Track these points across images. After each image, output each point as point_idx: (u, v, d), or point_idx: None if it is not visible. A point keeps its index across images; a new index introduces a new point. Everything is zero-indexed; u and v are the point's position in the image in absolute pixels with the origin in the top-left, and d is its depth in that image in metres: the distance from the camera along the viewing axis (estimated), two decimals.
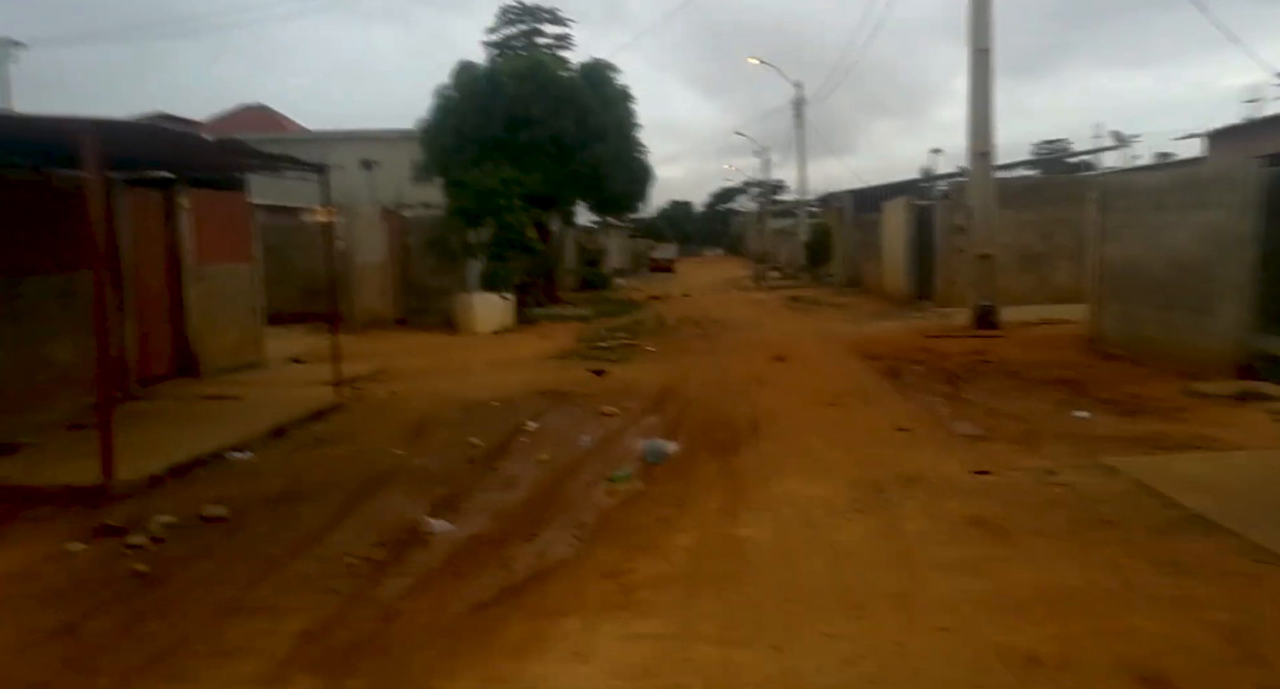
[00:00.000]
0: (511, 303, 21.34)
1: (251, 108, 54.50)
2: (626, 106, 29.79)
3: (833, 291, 34.31)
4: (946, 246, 21.92)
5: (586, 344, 18.07)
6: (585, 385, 12.82)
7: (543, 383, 13.02)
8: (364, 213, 20.39)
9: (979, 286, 17.35)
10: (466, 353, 16.67)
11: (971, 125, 17.20)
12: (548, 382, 13.14)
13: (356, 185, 42.86)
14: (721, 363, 14.89)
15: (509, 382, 13.18)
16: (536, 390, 12.36)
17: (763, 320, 23.03)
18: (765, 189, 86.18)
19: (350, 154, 44.81)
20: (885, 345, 16.08)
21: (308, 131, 51.32)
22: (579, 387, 12.69)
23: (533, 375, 13.85)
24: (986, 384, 11.80)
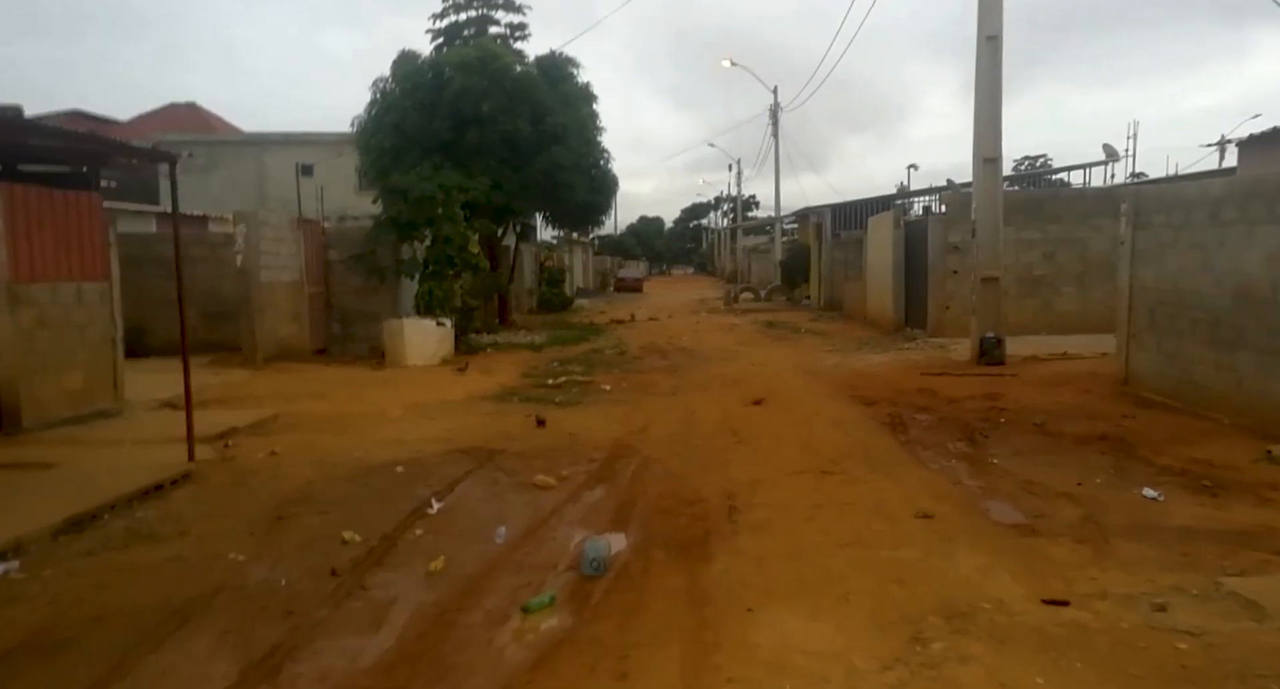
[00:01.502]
0: (450, 329, 18.90)
1: (179, 106, 51.75)
2: (589, 106, 27.49)
3: (811, 315, 32.07)
4: (941, 268, 19.72)
5: (534, 380, 15.71)
6: (521, 439, 10.44)
7: (469, 436, 10.65)
8: (271, 222, 17.87)
9: (983, 315, 15.12)
10: (388, 393, 14.23)
11: (978, 127, 15.00)
12: (476, 434, 10.77)
13: (292, 193, 40.40)
14: (689, 407, 12.55)
15: (427, 434, 10.79)
16: (459, 447, 9.98)
17: (736, 350, 20.71)
18: (737, 204, 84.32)
19: (288, 159, 42.30)
20: (879, 385, 13.79)
21: (241, 133, 48.69)
22: (513, 441, 10.31)
23: (460, 424, 11.47)
24: (1012, 441, 9.50)
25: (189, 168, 43.35)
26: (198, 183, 42.55)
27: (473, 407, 12.95)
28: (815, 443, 9.78)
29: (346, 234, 20.21)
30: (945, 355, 16.76)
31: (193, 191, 41.59)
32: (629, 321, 31.71)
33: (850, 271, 30.35)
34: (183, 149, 42.91)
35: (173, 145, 42.94)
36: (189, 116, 51.12)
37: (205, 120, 51.68)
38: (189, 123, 49.21)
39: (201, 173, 43.00)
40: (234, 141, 45.51)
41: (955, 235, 19.51)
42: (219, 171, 43.09)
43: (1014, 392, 12.32)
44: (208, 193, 41.09)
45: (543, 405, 12.91)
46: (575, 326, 29.15)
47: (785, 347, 21.27)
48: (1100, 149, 31.43)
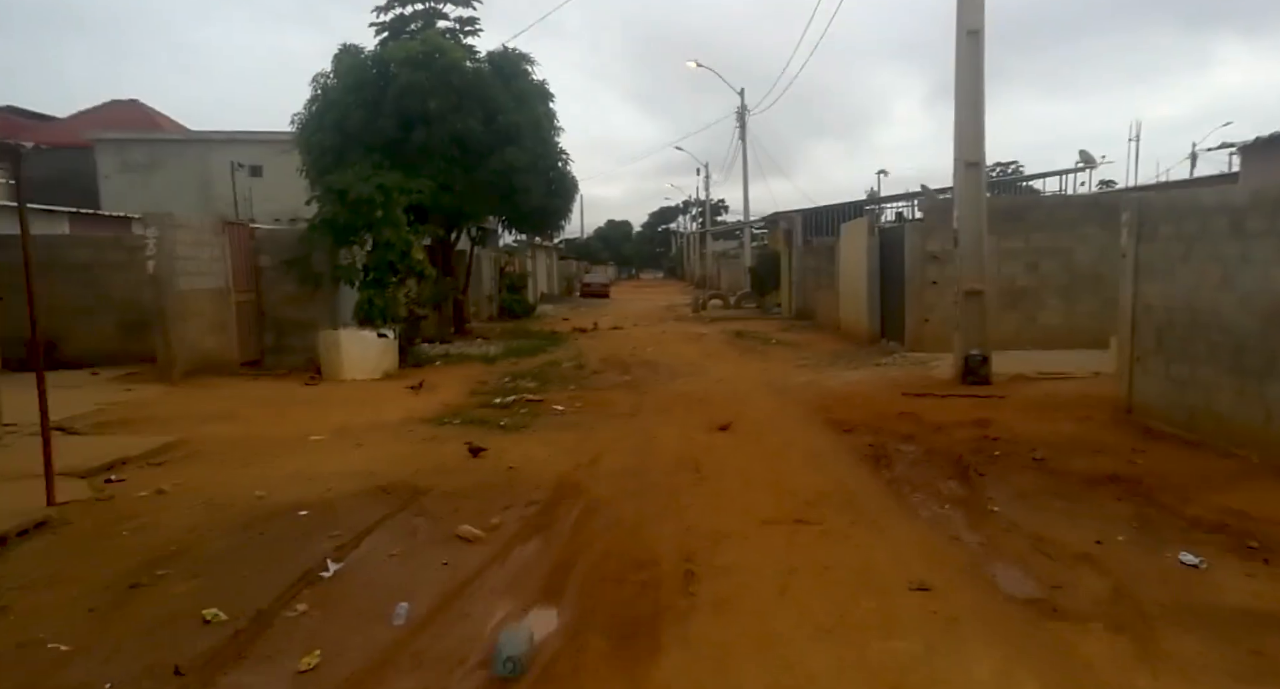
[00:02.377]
0: (393, 341, 17.53)
1: (121, 103, 49.95)
2: (545, 105, 26.14)
3: (782, 325, 30.87)
4: (919, 278, 18.55)
5: (481, 398, 14.39)
6: (454, 474, 9.13)
7: (395, 468, 9.33)
8: (190, 224, 16.44)
9: (967, 331, 13.95)
10: (315, 413, 12.87)
11: (959, 128, 13.84)
12: (403, 466, 9.45)
13: (242, 194, 38.82)
14: (648, 433, 11.26)
15: (347, 466, 9.47)
16: (380, 484, 8.67)
17: (703, 363, 19.45)
18: (706, 209, 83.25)
19: (236, 158, 40.67)
20: (857, 407, 12.57)
21: (187, 131, 46.99)
22: (444, 476, 9.00)
23: (387, 453, 10.14)
24: (1011, 481, 8.28)
25: (128, 166, 41.67)
26: (138, 182, 40.88)
27: (407, 430, 11.61)
28: (788, 482, 8.52)
29: (278, 238, 18.80)
30: (926, 373, 15.57)
31: (133, 192, 39.89)
32: (591, 330, 30.41)
33: (822, 279, 29.20)
34: (120, 147, 41.54)
35: (110, 144, 41.63)
36: (131, 114, 49.29)
37: (149, 118, 49.86)
38: (131, 120, 47.43)
39: (143, 172, 41.34)
40: (176, 140, 43.81)
41: (934, 244, 18.36)
42: (161, 171, 41.42)
43: (1005, 417, 11.12)
44: (149, 193, 39.44)
45: (486, 429, 11.62)
46: (535, 335, 27.83)
47: (754, 360, 20.04)
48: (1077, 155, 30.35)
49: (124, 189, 40.49)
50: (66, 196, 31.94)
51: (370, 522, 7.44)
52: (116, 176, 41.54)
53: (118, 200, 38.62)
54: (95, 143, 41.53)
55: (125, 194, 39.88)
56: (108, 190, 40.96)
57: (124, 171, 41.62)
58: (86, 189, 40.09)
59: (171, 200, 36.26)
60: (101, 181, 41.42)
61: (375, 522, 7.45)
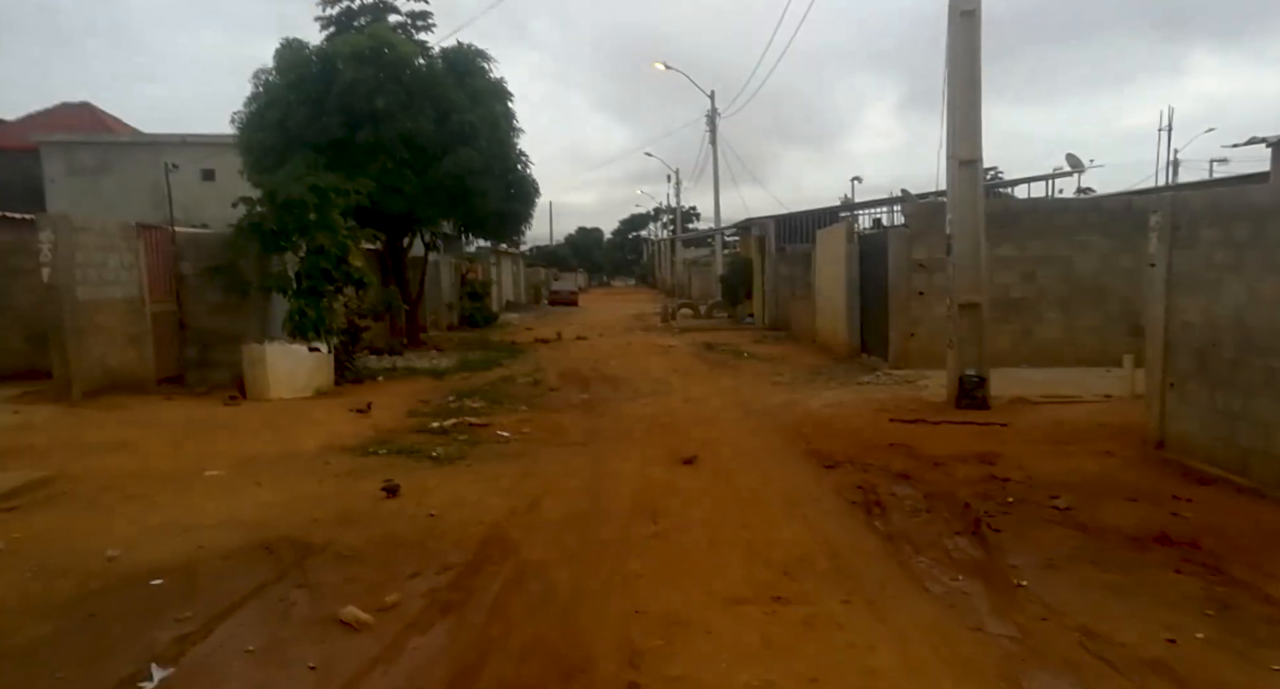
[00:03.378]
0: (328, 355, 15.88)
1: (72, 106, 48.03)
2: (503, 104, 24.74)
3: (755, 336, 29.34)
4: (903, 289, 17.07)
5: (418, 421, 12.81)
6: (361, 524, 7.53)
7: (292, 516, 7.74)
8: (93, 227, 14.73)
9: (963, 348, 12.47)
10: (222, 440, 11.22)
11: (952, 122, 12.37)
12: (303, 512, 7.86)
13: (192, 198, 36.99)
14: (601, 467, 9.68)
15: (233, 514, 7.85)
16: (265, 539, 7.07)
17: (669, 379, 17.91)
18: (676, 215, 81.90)
19: (188, 162, 38.81)
20: (841, 435, 11.05)
21: (138, 134, 45.13)
22: (347, 528, 7.40)
23: (289, 495, 8.54)
24: (1035, 540, 6.74)
25: (76, 170, 39.82)
26: (87, 186, 39.09)
27: (321, 463, 9.99)
28: (763, 538, 6.96)
29: (203, 243, 17.08)
30: (915, 394, 14.07)
31: (82, 196, 38.10)
32: (554, 341, 28.86)
33: (797, 289, 27.75)
34: (67, 150, 39.64)
35: (56, 147, 39.68)
36: (82, 117, 47.37)
37: (100, 121, 47.90)
38: (82, 123, 45.53)
39: (92, 176, 39.53)
40: (126, 143, 41.89)
41: (921, 252, 16.90)
42: (110, 175, 39.58)
43: (1013, 451, 9.61)
44: (99, 198, 37.71)
45: (414, 462, 10.05)
46: (494, 347, 26.23)
47: (725, 376, 18.51)
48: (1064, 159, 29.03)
49: (72, 193, 38.77)
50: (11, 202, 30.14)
51: (236, 597, 5.85)
52: (63, 180, 39.74)
53: (66, 205, 36.78)
54: (40, 146, 39.70)
55: (73, 199, 38.12)
56: (55, 195, 39.13)
57: (71, 175, 39.84)
58: (34, 194, 38.25)
59: (122, 205, 34.76)
60: (48, 186, 39.59)
61: (242, 597, 5.86)
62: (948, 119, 12.42)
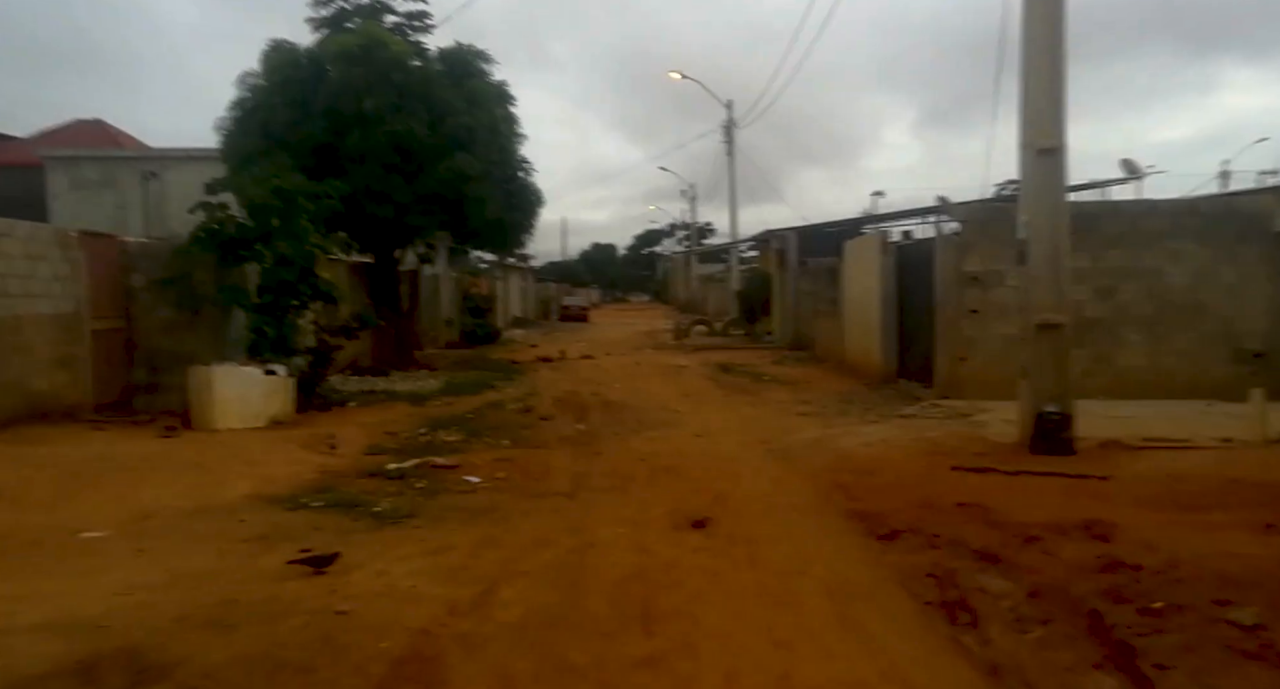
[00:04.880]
0: (288, 379, 13.76)
1: (85, 122, 46.76)
2: (503, 107, 22.80)
3: (774, 356, 27.07)
4: (953, 305, 14.84)
5: (376, 460, 10.68)
6: (236, 628, 5.34)
7: (154, 608, 5.60)
8: (16, 234, 12.65)
9: (1040, 378, 10.20)
10: (126, 487, 9.05)
11: (1028, 103, 10.18)
12: (170, 604, 5.70)
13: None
14: (584, 533, 7.45)
15: (76, 606, 5.69)
16: (92, 654, 4.88)
17: (679, 407, 15.72)
18: (691, 230, 80.00)
19: (193, 176, 36.93)
20: (890, 487, 8.82)
21: (146, 148, 43.52)
22: (215, 635, 5.21)
23: (164, 573, 6.38)
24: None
25: (79, 185, 38.23)
26: (90, 201, 37.34)
27: (235, 520, 7.84)
28: (807, 672, 4.74)
29: (156, 253, 15.00)
30: (974, 432, 11.81)
31: (85, 211, 36.40)
32: (557, 360, 26.74)
33: (821, 305, 25.54)
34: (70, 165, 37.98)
35: (60, 162, 37.98)
36: (93, 133, 46.01)
37: (111, 137, 46.47)
38: (93, 139, 44.03)
39: (94, 190, 37.83)
40: (130, 157, 40.15)
41: (974, 262, 14.69)
42: (114, 190, 37.82)
43: (1129, 518, 7.32)
44: (102, 212, 35.93)
45: (351, 519, 7.91)
46: (491, 366, 24.12)
47: (743, 403, 16.31)
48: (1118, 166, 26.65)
49: (75, 208, 37.08)
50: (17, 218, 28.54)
51: None
52: (66, 195, 38.07)
53: (69, 220, 35.05)
54: (45, 161, 38.12)
55: (77, 213, 36.38)
56: (58, 210, 37.44)
57: (74, 190, 38.16)
58: (40, 210, 36.63)
59: (125, 219, 33.10)
60: (51, 201, 37.93)
61: None
62: (1022, 100, 10.23)
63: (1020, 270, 10.54)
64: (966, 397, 14.35)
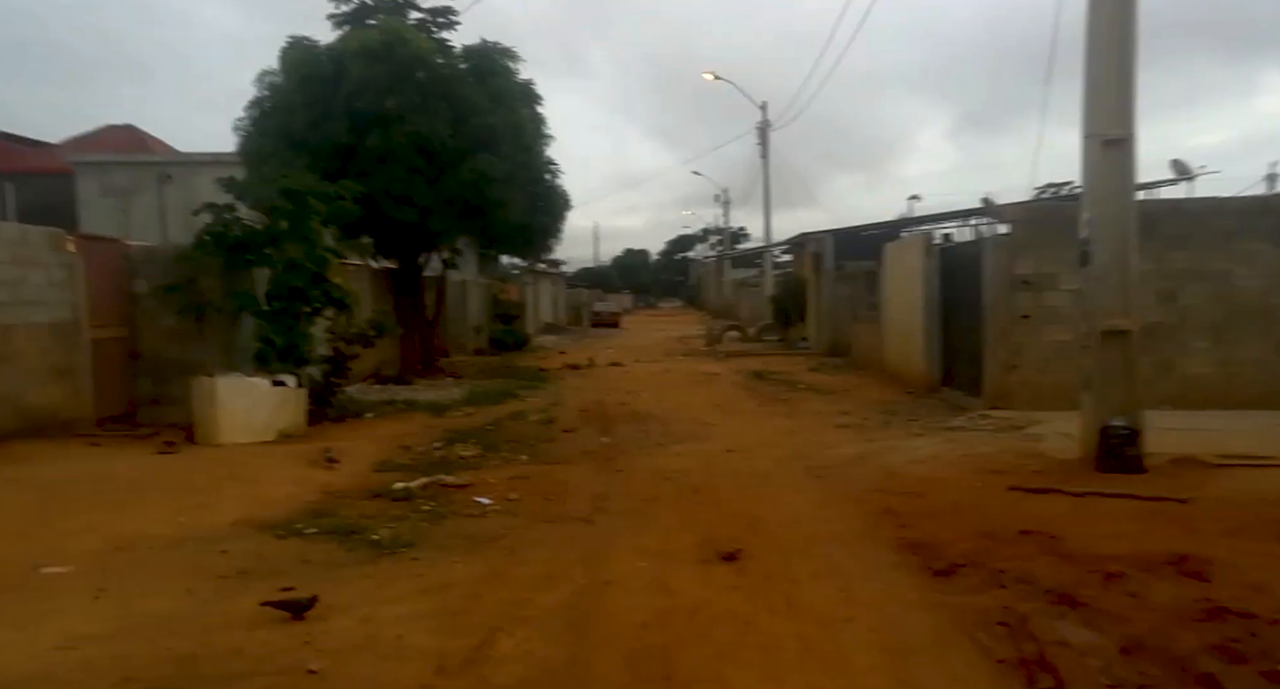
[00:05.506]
0: (297, 390, 13.05)
1: (117, 128, 46.57)
2: (530, 107, 22.06)
3: (809, 363, 26.12)
4: (1003, 310, 13.91)
5: (384, 478, 9.93)
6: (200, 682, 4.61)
7: (97, 668, 4.87)
8: (7, 236, 12.04)
9: (1105, 388, 9.26)
10: (109, 511, 8.32)
11: (1093, 89, 9.27)
12: (118, 660, 4.98)
13: None
14: (599, 568, 6.61)
15: (17, 661, 4.99)
16: None
17: (709, 418, 14.88)
18: (724, 235, 79.18)
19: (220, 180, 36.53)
20: (945, 511, 7.94)
21: (177, 154, 43.26)
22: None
23: (125, 617, 5.67)
24: None
25: (109, 190, 37.92)
26: (120, 207, 37.06)
27: (216, 551, 7.09)
28: None
29: (162, 258, 14.38)
30: (1030, 446, 10.89)
31: (114, 217, 36.02)
32: (585, 368, 25.97)
33: (859, 310, 24.62)
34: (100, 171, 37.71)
35: (89, 168, 37.71)
36: (125, 138, 45.82)
37: (142, 142, 46.26)
38: (124, 145, 43.82)
39: (124, 196, 37.47)
40: (160, 162, 39.84)
41: (1026, 265, 13.76)
42: (143, 195, 37.48)
43: (1222, 550, 6.40)
44: (132, 218, 35.61)
45: (345, 549, 7.15)
46: (517, 374, 23.38)
47: (778, 414, 15.45)
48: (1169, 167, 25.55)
49: (105, 214, 36.77)
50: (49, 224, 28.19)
51: None
52: (96, 201, 37.78)
53: (98, 226, 34.73)
54: (75, 167, 37.87)
55: (106, 220, 36.06)
56: (88, 216, 37.14)
57: (105, 196, 37.86)
58: (71, 216, 36.37)
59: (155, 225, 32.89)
60: (81, 207, 37.65)
61: None
62: (1086, 86, 9.31)
63: (1082, 272, 9.60)
64: (1017, 407, 13.43)
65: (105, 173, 38.04)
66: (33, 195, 35.36)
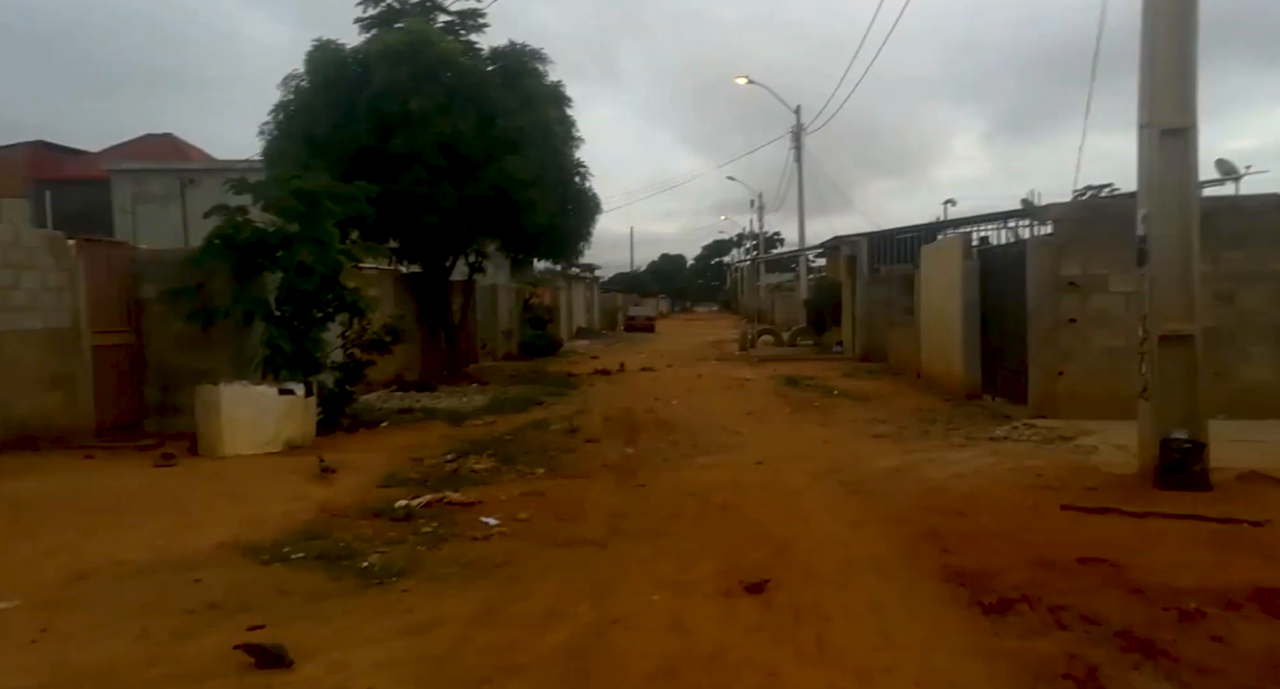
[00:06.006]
0: (305, 399, 12.50)
1: (156, 137, 46.68)
2: (558, 109, 21.60)
3: (844, 368, 25.38)
4: (1048, 314, 13.14)
5: (386, 494, 9.32)
6: None
7: None
8: None
9: (1164, 398, 8.48)
10: (80, 532, 7.78)
11: (1151, 75, 8.51)
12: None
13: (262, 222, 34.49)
14: (609, 604, 5.93)
15: None
16: None
17: (740, 426, 14.21)
18: (760, 239, 78.52)
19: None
20: (993, 534, 7.20)
21: (213, 161, 43.13)
22: None
23: (57, 668, 5.02)
24: None
25: (144, 198, 37.86)
26: (156, 214, 36.97)
27: (189, 581, 6.46)
28: None
29: (169, 261, 13.91)
30: (1081, 460, 10.10)
31: (150, 224, 35.99)
32: (616, 373, 25.38)
33: (895, 314, 23.83)
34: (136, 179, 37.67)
35: (125, 175, 37.64)
36: (164, 147, 46.01)
37: (181, 150, 46.42)
38: (164, 153, 43.87)
39: (160, 203, 37.41)
40: (195, 169, 39.71)
41: (1073, 266, 12.98)
42: (176, 202, 37.35)
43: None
44: (168, 225, 35.48)
45: (330, 578, 6.55)
46: (546, 379, 22.82)
47: (812, 422, 14.72)
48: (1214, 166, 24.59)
49: (141, 221, 36.69)
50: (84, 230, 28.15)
51: None
52: (132, 208, 37.75)
53: (134, 234, 34.64)
54: (111, 174, 37.87)
55: (142, 227, 35.97)
56: (124, 223, 37.12)
57: (140, 203, 37.85)
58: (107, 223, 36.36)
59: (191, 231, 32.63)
60: (117, 214, 37.65)
61: None
62: (1144, 72, 8.55)
63: (1139, 273, 8.82)
64: (1064, 416, 12.65)
65: (140, 180, 38.03)
66: (70, 203, 35.94)
